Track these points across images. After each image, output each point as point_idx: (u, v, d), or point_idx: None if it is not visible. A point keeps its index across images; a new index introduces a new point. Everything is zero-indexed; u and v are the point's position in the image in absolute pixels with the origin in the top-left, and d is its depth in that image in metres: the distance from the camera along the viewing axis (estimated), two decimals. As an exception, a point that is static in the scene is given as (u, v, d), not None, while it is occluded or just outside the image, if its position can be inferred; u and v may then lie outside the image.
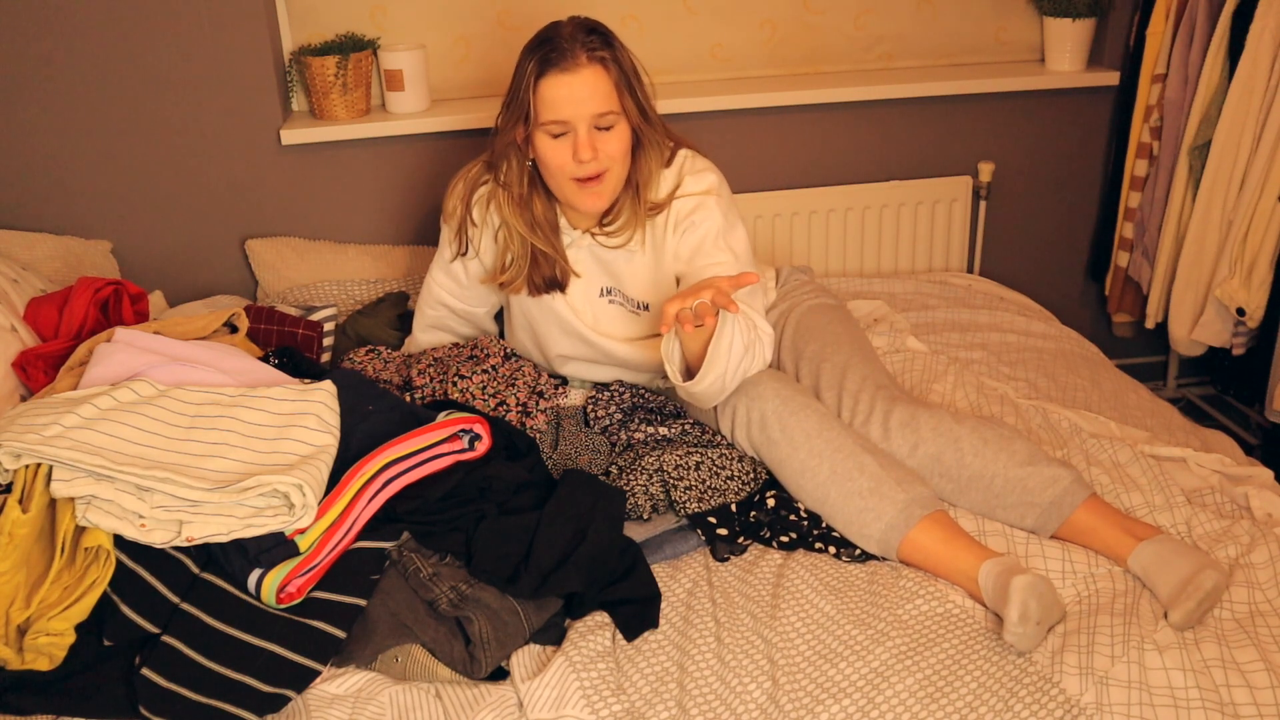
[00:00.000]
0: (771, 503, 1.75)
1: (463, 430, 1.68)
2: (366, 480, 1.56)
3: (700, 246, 1.90)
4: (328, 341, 2.25)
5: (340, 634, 1.46)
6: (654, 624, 1.54)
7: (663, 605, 1.57)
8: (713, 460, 1.77)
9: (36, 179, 2.48)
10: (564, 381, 2.11)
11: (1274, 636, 1.49)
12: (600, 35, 1.80)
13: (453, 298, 2.11)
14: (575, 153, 1.79)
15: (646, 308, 1.98)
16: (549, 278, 1.97)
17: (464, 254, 2.02)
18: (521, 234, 1.94)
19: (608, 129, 1.80)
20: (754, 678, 1.45)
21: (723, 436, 1.88)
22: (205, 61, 2.46)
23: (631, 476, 1.74)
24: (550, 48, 1.77)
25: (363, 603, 1.49)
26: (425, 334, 2.18)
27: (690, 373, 1.79)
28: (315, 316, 2.25)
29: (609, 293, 1.99)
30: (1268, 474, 1.85)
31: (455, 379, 1.92)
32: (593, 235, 1.95)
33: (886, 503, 1.67)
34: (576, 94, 1.76)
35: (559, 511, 1.61)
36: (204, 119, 2.50)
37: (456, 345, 2.10)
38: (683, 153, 1.96)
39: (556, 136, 1.81)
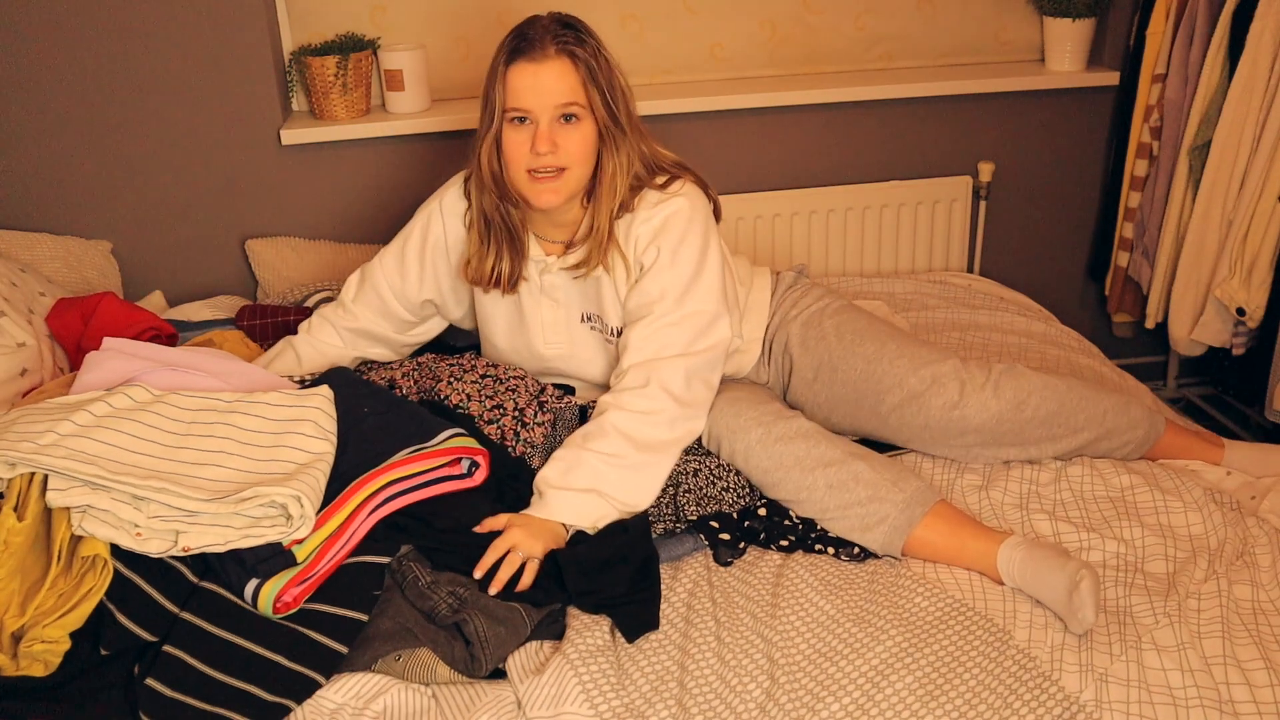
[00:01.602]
0: (763, 512, 1.76)
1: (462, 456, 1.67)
2: (368, 495, 1.56)
3: (642, 299, 1.82)
4: None
5: (342, 649, 1.45)
6: (654, 625, 1.54)
7: (664, 605, 1.57)
8: (710, 469, 1.79)
9: (36, 179, 2.48)
10: (570, 391, 2.08)
11: (1275, 635, 1.49)
12: (574, 30, 1.76)
13: (389, 289, 2.00)
14: (534, 144, 1.74)
15: (618, 334, 1.90)
16: (508, 272, 1.88)
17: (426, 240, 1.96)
18: (486, 212, 1.85)
19: (571, 121, 1.75)
20: (753, 676, 1.45)
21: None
22: (205, 61, 2.46)
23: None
24: (521, 38, 1.75)
25: (364, 618, 1.49)
26: (337, 312, 2.03)
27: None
28: (309, 303, 2.24)
29: (589, 319, 1.93)
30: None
31: (451, 380, 1.90)
32: (559, 256, 1.87)
33: (887, 505, 1.68)
34: (541, 82, 1.72)
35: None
36: (204, 119, 2.50)
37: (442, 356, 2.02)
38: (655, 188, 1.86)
39: (518, 123, 1.75)
